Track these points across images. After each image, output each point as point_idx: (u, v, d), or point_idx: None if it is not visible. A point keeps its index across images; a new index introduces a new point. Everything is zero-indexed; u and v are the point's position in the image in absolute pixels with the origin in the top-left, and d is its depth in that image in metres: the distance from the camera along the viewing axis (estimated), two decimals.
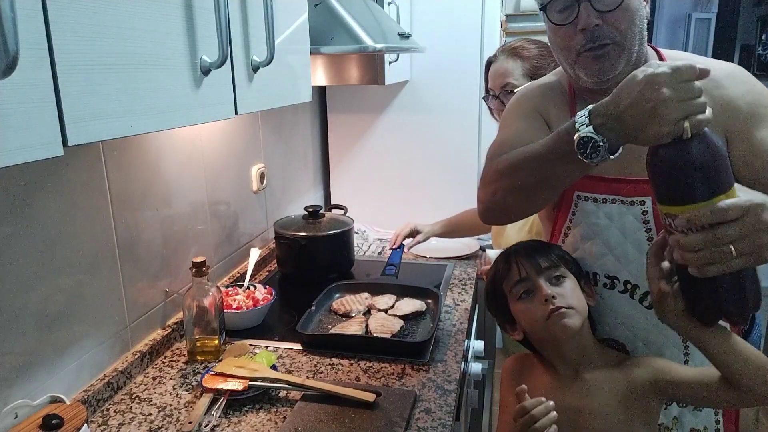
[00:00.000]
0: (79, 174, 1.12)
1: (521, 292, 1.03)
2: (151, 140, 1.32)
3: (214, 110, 0.92)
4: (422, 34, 2.16)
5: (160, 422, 1.10)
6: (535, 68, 1.50)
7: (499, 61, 1.54)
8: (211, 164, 1.59)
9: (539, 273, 1.01)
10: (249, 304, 1.47)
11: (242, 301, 1.48)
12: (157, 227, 1.36)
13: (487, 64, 1.59)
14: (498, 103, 1.55)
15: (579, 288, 1.03)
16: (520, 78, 1.49)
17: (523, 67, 1.50)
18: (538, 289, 1.00)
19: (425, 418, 1.10)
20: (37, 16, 0.57)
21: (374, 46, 1.45)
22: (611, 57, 0.97)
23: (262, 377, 1.17)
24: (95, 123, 0.66)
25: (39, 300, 1.04)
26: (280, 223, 1.82)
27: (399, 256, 1.84)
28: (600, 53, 0.97)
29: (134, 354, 1.27)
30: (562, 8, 0.98)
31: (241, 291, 1.54)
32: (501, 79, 1.52)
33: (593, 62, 0.98)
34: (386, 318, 1.46)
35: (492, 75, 1.56)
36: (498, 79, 1.53)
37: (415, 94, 2.28)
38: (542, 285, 1.00)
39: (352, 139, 2.39)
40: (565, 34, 0.99)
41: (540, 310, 0.99)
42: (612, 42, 0.96)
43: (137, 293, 1.30)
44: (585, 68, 0.99)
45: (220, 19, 0.87)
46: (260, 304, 1.47)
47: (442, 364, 1.29)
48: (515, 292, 1.03)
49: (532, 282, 1.01)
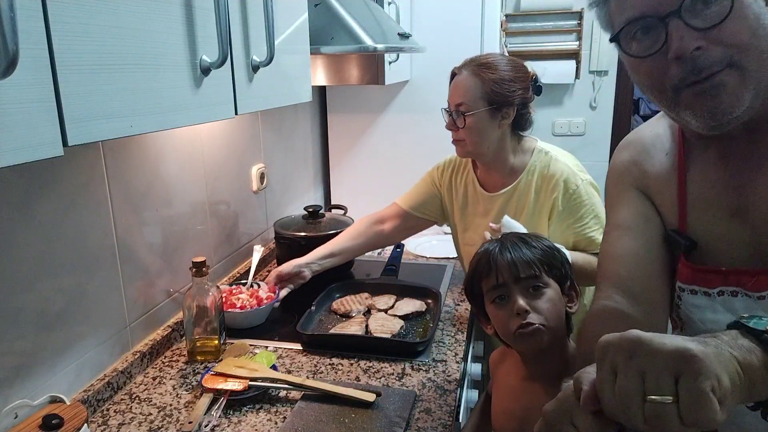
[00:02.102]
0: (79, 174, 1.12)
1: (496, 296, 0.99)
2: (151, 140, 1.32)
3: (214, 110, 0.92)
4: (422, 34, 2.16)
5: (160, 422, 1.10)
6: (493, 94, 1.35)
7: (462, 75, 1.39)
8: (211, 164, 1.59)
9: (517, 282, 0.97)
10: (253, 303, 1.47)
11: (246, 301, 1.47)
12: (157, 227, 1.36)
13: (452, 73, 1.45)
14: (450, 121, 1.41)
15: (559, 296, 0.99)
16: (477, 101, 1.35)
17: (482, 90, 1.35)
18: (513, 300, 0.96)
19: (425, 418, 1.10)
20: (37, 16, 0.57)
21: (374, 46, 1.45)
22: (728, 88, 0.68)
23: (262, 377, 1.17)
24: (95, 123, 0.66)
25: (39, 300, 1.03)
26: (280, 223, 1.82)
27: (399, 256, 1.84)
28: (710, 86, 0.68)
29: (134, 354, 1.27)
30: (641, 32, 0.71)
31: (245, 289, 1.54)
32: (456, 96, 1.39)
33: (703, 101, 0.69)
34: (386, 318, 1.46)
35: (452, 88, 1.42)
36: (454, 95, 1.40)
37: (415, 94, 2.28)
38: (517, 297, 0.96)
39: (352, 139, 2.38)
40: (651, 69, 0.72)
41: (511, 321, 0.96)
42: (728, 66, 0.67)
43: (137, 293, 1.30)
44: (691, 109, 0.70)
45: (220, 19, 0.87)
46: (264, 303, 1.47)
47: (442, 364, 1.29)
48: (490, 295, 1.01)
49: (509, 289, 0.98)
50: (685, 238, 0.84)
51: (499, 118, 1.37)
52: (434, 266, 1.90)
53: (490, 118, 1.37)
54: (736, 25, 0.66)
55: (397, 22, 1.91)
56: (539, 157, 1.43)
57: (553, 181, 1.39)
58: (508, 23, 3.19)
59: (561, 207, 1.38)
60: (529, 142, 1.47)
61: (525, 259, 0.98)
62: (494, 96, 1.35)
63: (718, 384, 0.49)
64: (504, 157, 1.44)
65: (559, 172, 1.39)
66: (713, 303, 0.82)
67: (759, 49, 0.67)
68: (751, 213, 0.77)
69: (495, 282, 0.99)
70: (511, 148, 1.44)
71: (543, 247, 1.03)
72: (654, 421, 0.50)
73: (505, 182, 1.46)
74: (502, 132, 1.40)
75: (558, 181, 1.38)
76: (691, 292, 0.84)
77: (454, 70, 1.45)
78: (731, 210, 0.79)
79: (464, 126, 1.38)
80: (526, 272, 0.97)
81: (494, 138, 1.40)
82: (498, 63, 1.38)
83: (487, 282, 1.01)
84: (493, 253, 1.01)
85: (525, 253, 0.99)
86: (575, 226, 1.39)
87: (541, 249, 1.01)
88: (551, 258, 1.01)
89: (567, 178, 1.38)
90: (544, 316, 0.95)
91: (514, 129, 1.43)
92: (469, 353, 1.62)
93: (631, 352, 0.52)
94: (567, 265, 1.04)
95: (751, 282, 0.78)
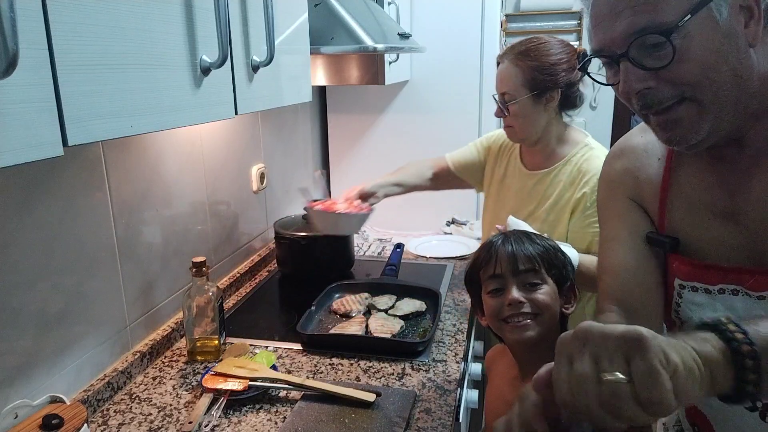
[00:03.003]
0: (79, 174, 1.12)
1: (492, 287, 1.01)
2: (151, 140, 1.32)
3: (214, 110, 0.92)
4: (422, 34, 2.16)
5: (160, 422, 1.10)
6: (534, 80, 1.37)
7: (504, 64, 1.42)
8: (211, 164, 1.59)
9: (515, 275, 0.98)
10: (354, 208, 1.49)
11: (346, 208, 1.49)
12: (157, 227, 1.36)
13: (497, 61, 1.47)
14: (498, 109, 1.45)
15: (556, 295, 1.00)
16: (519, 89, 1.38)
17: (523, 78, 1.37)
18: (508, 291, 0.98)
19: (425, 418, 1.10)
20: (37, 16, 0.57)
21: (374, 46, 1.45)
22: (685, 121, 0.70)
23: (262, 377, 1.17)
24: (95, 123, 0.66)
25: (39, 300, 1.04)
26: (280, 223, 1.82)
27: (399, 256, 1.84)
28: (666, 119, 0.72)
29: (134, 354, 1.27)
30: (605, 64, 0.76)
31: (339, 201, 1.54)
32: (501, 85, 1.43)
33: (661, 130, 0.74)
34: (386, 318, 1.46)
35: (497, 76, 1.45)
36: (499, 83, 1.44)
37: (415, 94, 2.28)
38: (512, 289, 0.97)
39: (352, 139, 2.39)
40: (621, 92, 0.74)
41: (502, 310, 0.98)
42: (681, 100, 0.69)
43: (137, 293, 1.30)
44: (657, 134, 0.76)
45: (220, 19, 0.87)
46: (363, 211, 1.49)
47: (442, 364, 1.29)
48: (487, 285, 1.02)
49: (505, 281, 0.99)
50: (665, 237, 0.85)
51: (543, 102, 1.39)
52: (434, 266, 1.90)
53: (534, 103, 1.39)
54: (682, 67, 0.67)
55: (397, 22, 1.91)
56: (583, 150, 1.44)
57: (587, 177, 1.39)
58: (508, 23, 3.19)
59: (588, 203, 1.37)
60: (579, 135, 1.48)
61: (525, 253, 1.00)
62: (536, 83, 1.37)
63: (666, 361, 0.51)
64: (547, 140, 1.46)
65: (595, 169, 1.37)
66: (714, 301, 0.81)
67: (715, 83, 0.68)
68: (744, 216, 0.77)
69: (493, 272, 1.00)
70: (556, 134, 1.45)
71: (546, 245, 1.04)
72: (610, 401, 0.50)
73: (543, 164, 1.48)
74: (549, 115, 1.42)
75: (591, 178, 1.37)
76: (691, 290, 0.84)
77: (498, 58, 1.47)
78: (724, 213, 0.79)
79: (510, 114, 1.41)
80: (525, 265, 0.98)
81: (542, 122, 1.42)
82: (539, 49, 1.38)
83: (485, 271, 1.02)
84: (495, 244, 1.03)
85: (526, 248, 1.01)
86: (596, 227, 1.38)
87: (544, 247, 1.03)
88: (552, 257, 1.02)
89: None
90: (537, 306, 0.96)
91: (562, 110, 1.45)
92: (469, 353, 1.62)
93: (584, 339, 0.54)
94: (569, 267, 1.04)
95: (750, 281, 0.77)
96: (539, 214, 1.45)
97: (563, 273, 1.02)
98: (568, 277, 1.04)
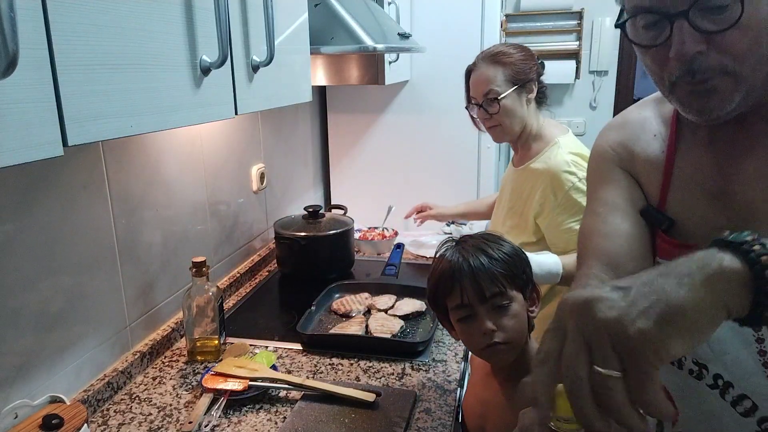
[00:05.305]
0: (79, 174, 1.12)
1: (461, 315, 0.98)
2: (151, 140, 1.32)
3: (214, 110, 0.92)
4: (422, 34, 2.16)
5: (160, 422, 1.10)
6: (518, 74, 1.46)
7: (480, 68, 1.49)
8: (211, 164, 1.59)
9: (482, 302, 0.95)
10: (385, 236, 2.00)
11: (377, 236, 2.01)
12: (157, 227, 1.36)
13: (467, 72, 1.55)
14: (482, 112, 1.49)
15: (523, 306, 0.98)
16: (503, 84, 1.45)
17: (504, 73, 1.46)
18: (480, 320, 0.95)
19: (425, 418, 1.10)
20: (37, 16, 0.57)
21: (374, 46, 1.45)
22: (720, 92, 0.69)
23: (262, 377, 1.17)
24: (95, 123, 0.66)
25: (39, 300, 1.04)
26: (280, 223, 1.82)
27: (399, 256, 1.84)
28: (703, 89, 0.70)
29: (134, 354, 1.27)
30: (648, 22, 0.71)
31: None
32: (483, 86, 1.47)
33: (693, 99, 0.72)
34: (386, 318, 1.46)
35: (473, 83, 1.51)
36: (479, 86, 1.48)
37: (415, 94, 2.28)
38: (483, 318, 0.95)
39: (352, 139, 2.38)
40: (655, 57, 0.72)
41: (478, 339, 0.96)
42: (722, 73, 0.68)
43: (137, 293, 1.30)
44: (682, 104, 0.74)
45: (220, 19, 0.87)
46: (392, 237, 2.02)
47: (442, 364, 1.29)
48: (456, 314, 0.99)
49: (474, 310, 0.96)
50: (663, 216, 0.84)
51: (525, 94, 1.48)
52: None
53: (518, 96, 1.47)
54: (738, 34, 0.66)
55: (397, 22, 1.91)
56: (552, 149, 1.46)
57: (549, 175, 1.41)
58: (508, 23, 3.19)
59: (553, 204, 1.40)
60: (553, 131, 1.51)
61: (489, 275, 0.95)
62: (517, 76, 1.46)
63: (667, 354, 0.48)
64: (526, 136, 1.52)
65: (555, 167, 1.41)
66: None
67: (757, 56, 0.68)
68: (732, 197, 0.77)
69: (460, 302, 0.97)
70: (534, 130, 1.52)
71: (504, 256, 0.99)
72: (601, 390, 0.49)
73: (524, 159, 1.53)
74: (529, 110, 1.49)
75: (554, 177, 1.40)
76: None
77: (469, 68, 1.55)
78: (714, 192, 0.79)
79: (498, 111, 1.46)
80: (491, 290, 0.95)
81: (524, 116, 1.49)
82: (508, 49, 1.50)
83: (451, 300, 0.99)
84: (456, 270, 0.98)
85: (488, 269, 0.96)
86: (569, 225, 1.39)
87: (503, 260, 0.98)
88: (513, 267, 0.98)
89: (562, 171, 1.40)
90: (509, 334, 0.95)
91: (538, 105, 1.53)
92: (469, 353, 1.62)
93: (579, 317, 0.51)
94: (528, 269, 1.02)
95: None
96: (517, 209, 1.53)
97: (524, 278, 1.00)
98: (530, 279, 1.02)
